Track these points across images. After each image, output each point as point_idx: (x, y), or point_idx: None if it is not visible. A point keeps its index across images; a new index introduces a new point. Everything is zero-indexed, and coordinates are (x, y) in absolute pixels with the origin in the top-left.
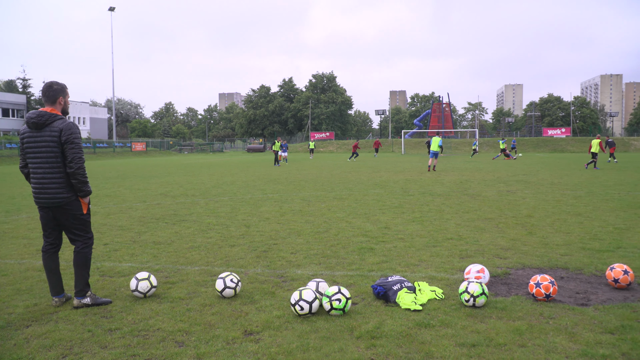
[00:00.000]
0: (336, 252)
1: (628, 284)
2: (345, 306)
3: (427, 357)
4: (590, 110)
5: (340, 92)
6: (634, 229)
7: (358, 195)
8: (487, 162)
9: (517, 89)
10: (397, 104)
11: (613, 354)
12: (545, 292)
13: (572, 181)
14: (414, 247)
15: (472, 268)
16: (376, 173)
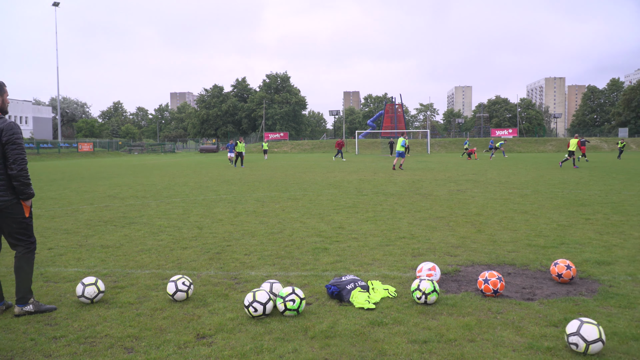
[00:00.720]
0: (290, 252)
1: (571, 278)
2: (300, 307)
3: (380, 355)
4: (536, 112)
5: (295, 92)
6: (576, 225)
7: (312, 195)
8: (439, 162)
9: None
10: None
11: (557, 346)
12: (493, 288)
13: (518, 180)
14: (368, 247)
15: (423, 266)
16: (330, 173)
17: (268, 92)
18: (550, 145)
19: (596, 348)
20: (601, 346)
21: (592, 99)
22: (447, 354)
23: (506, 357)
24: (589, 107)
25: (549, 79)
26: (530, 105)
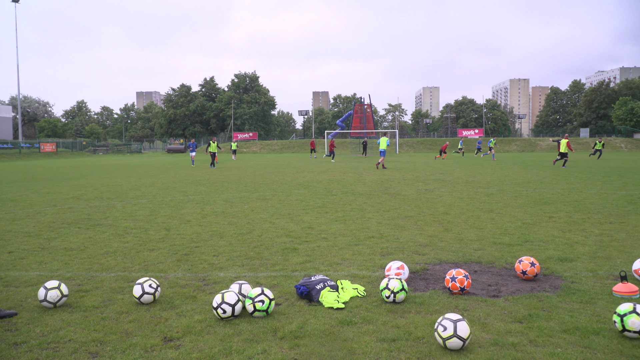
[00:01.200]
0: (259, 253)
1: (535, 275)
2: (269, 307)
3: (350, 354)
4: (501, 112)
5: (264, 92)
6: (539, 223)
7: (281, 195)
8: (407, 162)
9: (434, 91)
10: (320, 104)
11: (521, 341)
12: (460, 285)
13: (484, 179)
14: (337, 246)
15: (392, 265)
16: (300, 173)
17: (237, 92)
18: (515, 145)
19: (454, 344)
20: (460, 342)
21: (555, 100)
22: (415, 352)
23: (472, 353)
24: (552, 107)
25: (513, 80)
26: (496, 106)
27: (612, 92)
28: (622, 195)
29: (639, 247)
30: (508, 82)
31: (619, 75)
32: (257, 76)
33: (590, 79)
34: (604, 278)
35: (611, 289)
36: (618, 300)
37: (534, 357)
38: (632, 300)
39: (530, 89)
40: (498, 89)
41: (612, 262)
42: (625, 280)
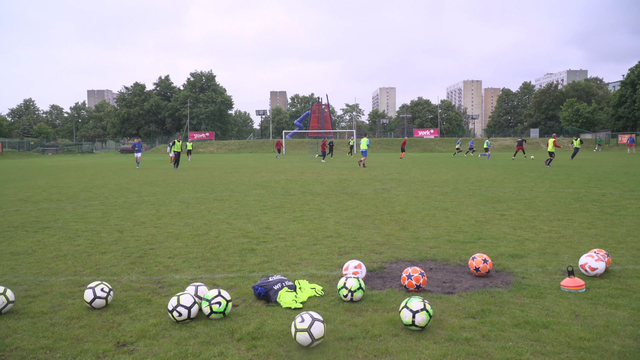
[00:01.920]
0: (216, 254)
1: (487, 271)
2: (226, 309)
3: (307, 354)
4: (455, 113)
5: (220, 91)
6: (492, 221)
7: (239, 196)
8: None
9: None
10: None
11: (474, 336)
12: (416, 283)
13: (440, 179)
14: (295, 246)
15: (350, 264)
16: (257, 174)
17: (193, 91)
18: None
19: (302, 338)
20: (309, 339)
21: (507, 101)
22: (372, 350)
23: (427, 349)
24: (503, 108)
25: (467, 82)
26: (450, 107)
27: (560, 93)
28: (569, 193)
29: (585, 243)
30: (462, 83)
31: (566, 77)
32: (214, 75)
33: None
34: (552, 273)
35: (559, 283)
36: (566, 294)
37: (486, 352)
38: (578, 295)
39: (482, 90)
40: (452, 90)
41: (560, 257)
42: (573, 275)
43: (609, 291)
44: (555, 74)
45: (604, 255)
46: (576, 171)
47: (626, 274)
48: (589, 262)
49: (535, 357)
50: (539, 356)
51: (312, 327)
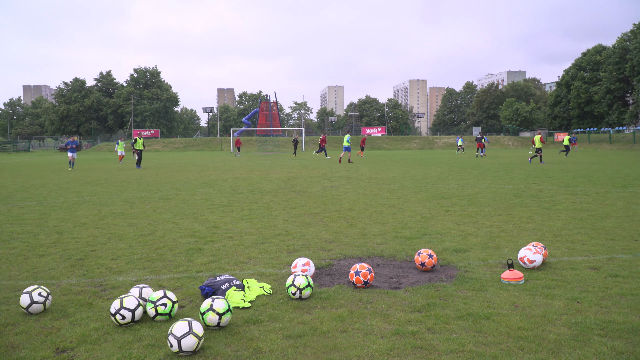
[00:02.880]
0: (162, 255)
1: (432, 266)
2: (172, 311)
3: (256, 353)
4: (402, 112)
5: (166, 88)
6: (437, 217)
7: (186, 195)
8: (313, 159)
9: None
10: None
11: (420, 330)
12: (363, 279)
13: (387, 176)
14: (243, 245)
15: (298, 262)
16: (205, 172)
17: (136, 88)
18: (414, 142)
19: (188, 342)
20: (193, 340)
21: (451, 100)
22: (320, 346)
23: (375, 344)
24: (447, 107)
25: (412, 81)
26: (397, 105)
27: (500, 93)
28: (509, 189)
29: (524, 237)
30: (408, 82)
31: (506, 77)
32: (159, 71)
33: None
34: (493, 266)
35: (500, 276)
36: (506, 286)
37: (431, 344)
38: (517, 286)
39: (428, 89)
40: (399, 89)
41: (500, 251)
42: (512, 268)
43: (545, 282)
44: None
45: (541, 248)
46: (516, 168)
47: (561, 265)
48: (527, 255)
49: (477, 347)
50: (481, 346)
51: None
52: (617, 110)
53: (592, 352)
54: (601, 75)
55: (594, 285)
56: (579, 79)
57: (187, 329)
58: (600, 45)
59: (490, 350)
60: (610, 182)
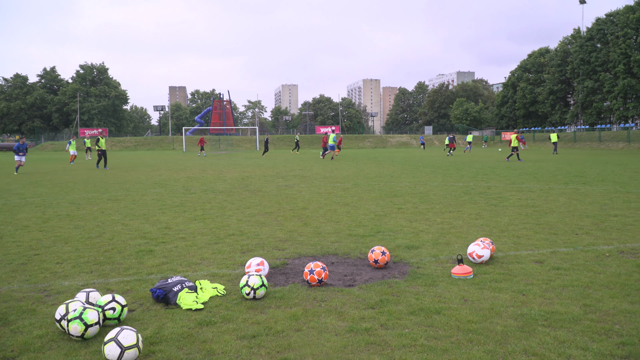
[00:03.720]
0: (111, 257)
1: (385, 263)
2: (121, 315)
3: (209, 355)
4: (356, 111)
5: (114, 85)
6: (390, 215)
7: (136, 195)
8: (268, 158)
9: (292, 89)
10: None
11: (373, 326)
12: (318, 277)
13: (341, 175)
14: (196, 246)
15: (252, 261)
16: (156, 172)
17: (83, 85)
18: (368, 141)
19: (131, 355)
20: (136, 353)
21: (403, 99)
22: (275, 346)
23: (329, 342)
24: (400, 107)
25: (366, 81)
26: (351, 105)
27: (450, 93)
28: (459, 186)
29: (473, 233)
30: (361, 82)
31: (456, 78)
32: (106, 68)
33: (432, 81)
34: (444, 262)
35: (450, 271)
36: (456, 281)
37: (384, 340)
38: (467, 281)
39: (381, 89)
40: (353, 88)
41: (451, 247)
42: (462, 263)
43: (493, 276)
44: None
45: (489, 243)
46: (465, 166)
47: (508, 260)
48: (476, 250)
49: (428, 341)
50: (432, 340)
51: (120, 335)
52: (560, 111)
53: (536, 342)
54: (545, 77)
55: (538, 278)
56: (524, 80)
57: (134, 340)
58: (544, 48)
59: (441, 343)
60: (554, 179)
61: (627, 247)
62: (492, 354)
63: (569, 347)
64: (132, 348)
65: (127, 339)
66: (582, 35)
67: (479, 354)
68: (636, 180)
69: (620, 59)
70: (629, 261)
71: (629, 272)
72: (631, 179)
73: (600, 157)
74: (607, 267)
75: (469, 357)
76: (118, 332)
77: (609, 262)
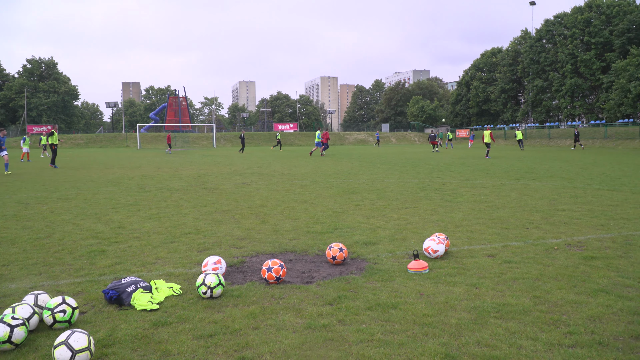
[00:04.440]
0: (61, 258)
1: (343, 259)
2: (72, 317)
3: (165, 356)
4: (313, 108)
5: (64, 80)
6: (347, 211)
7: (87, 194)
8: (225, 156)
9: (250, 86)
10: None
11: (331, 322)
12: (276, 275)
13: (299, 172)
14: (151, 245)
15: (209, 260)
16: (109, 169)
17: (31, 80)
18: None
19: (82, 358)
20: (88, 356)
21: (360, 97)
22: (232, 345)
23: (287, 339)
24: (357, 104)
25: (324, 78)
26: (309, 102)
27: (407, 91)
28: (415, 183)
29: (429, 228)
30: (319, 79)
31: (412, 76)
32: (55, 62)
33: (389, 79)
34: (400, 257)
35: (406, 266)
36: (412, 276)
37: (342, 336)
38: (423, 275)
39: (339, 86)
40: (310, 85)
41: (407, 242)
42: (418, 258)
43: (448, 270)
44: (403, 73)
45: (443, 238)
46: (421, 163)
47: (462, 254)
48: (431, 246)
49: (385, 336)
50: (389, 335)
51: (71, 338)
52: (511, 109)
53: (488, 333)
54: (497, 76)
55: (491, 272)
56: (477, 79)
57: (86, 343)
58: (496, 48)
59: (397, 337)
60: (505, 175)
61: (574, 240)
62: (446, 346)
63: (520, 337)
64: (83, 351)
65: (78, 342)
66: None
67: (434, 346)
68: (582, 176)
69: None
70: (575, 254)
71: (575, 265)
72: (578, 175)
73: (549, 154)
74: (555, 260)
75: (425, 350)
76: (69, 335)
77: (557, 255)
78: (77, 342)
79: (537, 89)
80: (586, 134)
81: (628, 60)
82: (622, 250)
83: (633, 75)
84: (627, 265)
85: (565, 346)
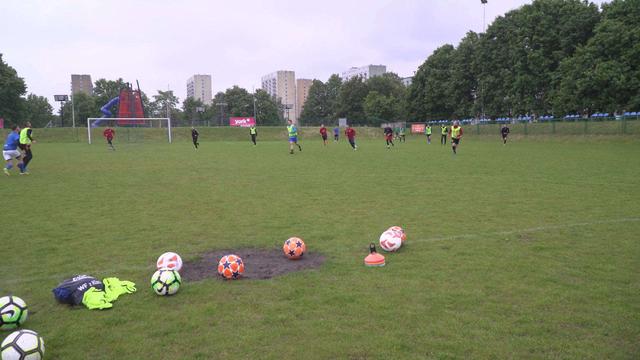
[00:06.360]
0: (8, 257)
1: (301, 254)
2: (20, 318)
3: (119, 355)
4: (271, 103)
5: (9, 72)
6: (305, 206)
7: (36, 190)
8: (180, 150)
9: (205, 79)
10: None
11: (289, 317)
12: (233, 271)
13: (256, 167)
14: (104, 243)
15: (164, 257)
16: (58, 165)
17: None
18: (283, 133)
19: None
20: (38, 358)
21: (318, 92)
22: (188, 342)
23: (245, 334)
24: (315, 99)
25: (280, 72)
26: (266, 96)
27: (363, 86)
28: (372, 177)
29: (385, 222)
30: (276, 73)
31: (369, 71)
32: (0, 53)
33: (346, 74)
34: (358, 251)
35: (364, 260)
36: (369, 269)
37: (300, 330)
38: (379, 269)
39: (296, 81)
40: (267, 79)
41: (364, 236)
42: (374, 252)
43: (404, 263)
44: (360, 68)
45: (400, 232)
46: (378, 158)
47: (417, 247)
48: (387, 239)
49: (342, 329)
50: (346, 328)
51: (19, 339)
52: (464, 104)
53: (443, 324)
54: (450, 72)
55: (445, 264)
56: (432, 75)
57: (35, 344)
58: (448, 45)
59: (354, 330)
60: (459, 170)
61: (524, 232)
62: (402, 338)
63: (473, 327)
64: (33, 352)
65: (27, 343)
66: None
67: (390, 338)
68: (532, 170)
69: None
70: (525, 245)
71: (525, 255)
72: (528, 169)
73: (501, 149)
74: (506, 251)
75: (381, 342)
76: (17, 336)
77: (508, 246)
78: (26, 343)
79: (488, 85)
80: (535, 129)
81: (574, 58)
82: (569, 241)
83: (579, 72)
84: (574, 256)
85: (516, 334)
